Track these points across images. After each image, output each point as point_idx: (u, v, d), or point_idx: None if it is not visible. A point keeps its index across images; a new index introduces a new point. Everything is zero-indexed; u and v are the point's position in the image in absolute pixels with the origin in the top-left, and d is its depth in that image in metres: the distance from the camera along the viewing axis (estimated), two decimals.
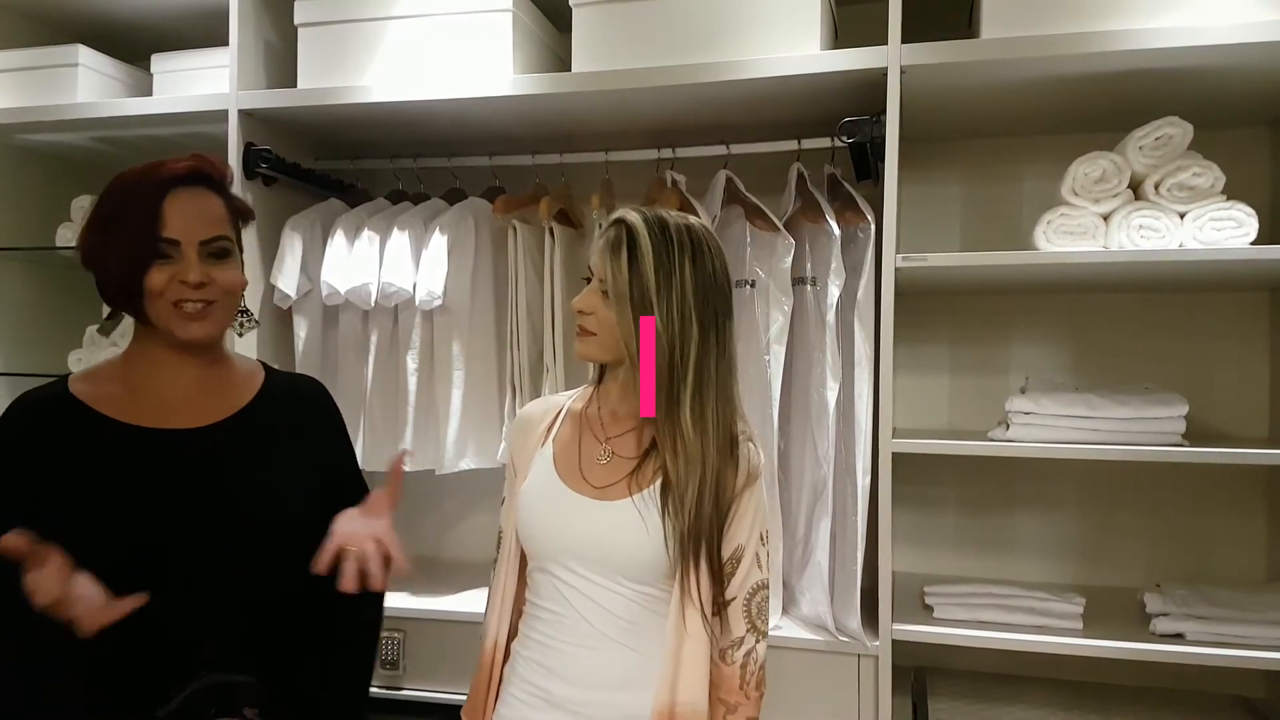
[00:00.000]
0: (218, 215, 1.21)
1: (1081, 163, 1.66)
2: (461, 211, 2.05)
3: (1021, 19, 1.62)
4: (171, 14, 2.24)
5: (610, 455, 1.27)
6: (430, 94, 1.88)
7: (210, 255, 1.18)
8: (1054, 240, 1.67)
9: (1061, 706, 1.82)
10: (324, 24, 1.99)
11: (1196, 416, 1.69)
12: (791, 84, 1.74)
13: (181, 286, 1.16)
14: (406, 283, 1.96)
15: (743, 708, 1.24)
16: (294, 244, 2.02)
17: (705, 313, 1.20)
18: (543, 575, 1.27)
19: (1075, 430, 1.67)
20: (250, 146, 2.00)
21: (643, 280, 1.18)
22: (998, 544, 2.07)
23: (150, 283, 1.15)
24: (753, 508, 1.25)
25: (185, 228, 1.16)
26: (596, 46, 1.82)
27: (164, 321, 1.17)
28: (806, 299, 1.87)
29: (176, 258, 1.16)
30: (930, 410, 2.11)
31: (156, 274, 1.15)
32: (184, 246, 1.16)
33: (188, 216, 1.17)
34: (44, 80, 2.16)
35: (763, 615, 1.26)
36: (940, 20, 1.78)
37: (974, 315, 2.09)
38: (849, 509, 1.76)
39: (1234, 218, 1.59)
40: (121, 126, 2.16)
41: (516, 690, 1.27)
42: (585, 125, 2.05)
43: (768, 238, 1.86)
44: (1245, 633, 1.61)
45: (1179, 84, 1.68)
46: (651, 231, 1.20)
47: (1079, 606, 1.71)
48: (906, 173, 1.72)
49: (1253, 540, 1.95)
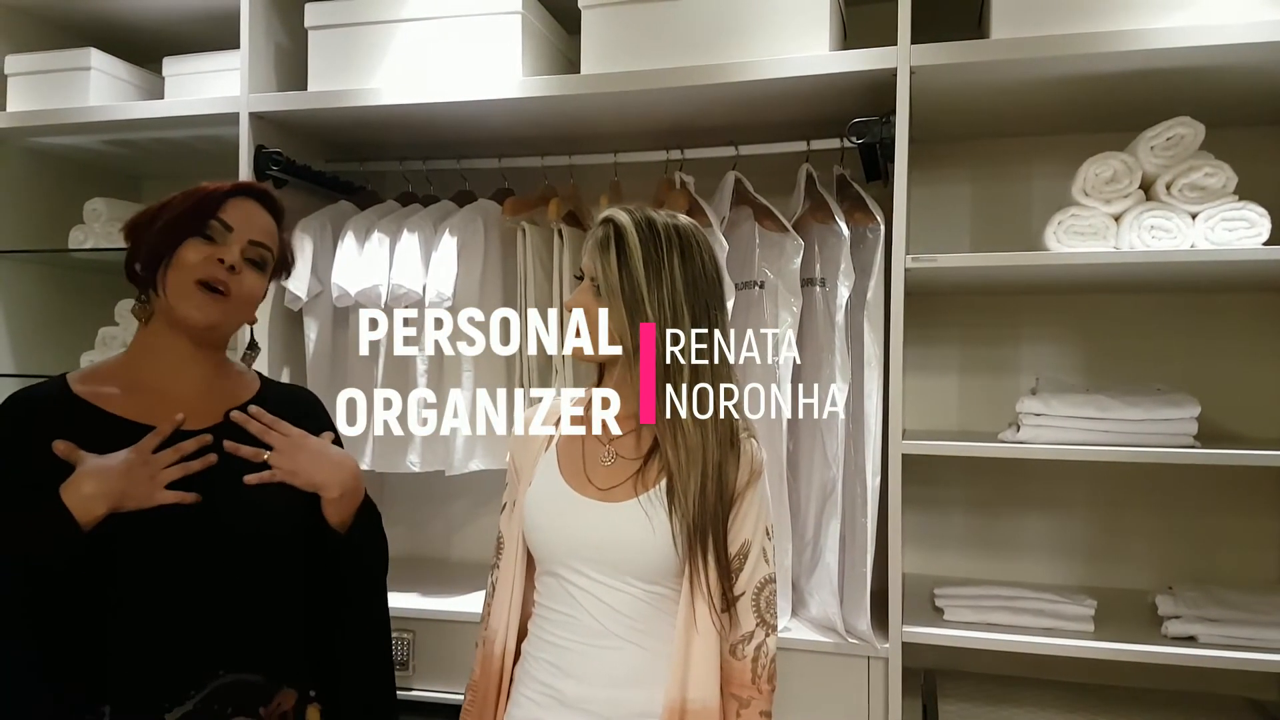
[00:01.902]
0: (271, 230, 1.29)
1: (1092, 163, 1.66)
2: (471, 213, 2.05)
3: (1031, 19, 1.61)
4: (183, 17, 2.26)
5: (614, 457, 1.28)
6: (440, 96, 1.89)
7: (250, 258, 1.25)
8: (1065, 241, 1.67)
9: (1071, 709, 1.82)
10: (334, 27, 2.00)
11: (1208, 417, 1.68)
12: (800, 85, 1.74)
13: (215, 266, 1.20)
14: (416, 284, 1.97)
15: (756, 701, 1.25)
16: (304, 246, 2.03)
17: (696, 306, 1.22)
18: (551, 578, 1.27)
19: (1086, 431, 1.66)
20: (261, 149, 2.00)
21: (633, 276, 1.20)
22: (1008, 546, 2.06)
23: (184, 253, 1.20)
24: (757, 503, 1.26)
25: (243, 221, 1.24)
26: (605, 48, 1.82)
27: (178, 297, 1.19)
28: (816, 300, 1.86)
29: (220, 242, 1.22)
30: (940, 411, 2.10)
31: (194, 247, 1.20)
32: (235, 233, 1.23)
33: (249, 215, 1.26)
34: (56, 83, 2.18)
35: (771, 609, 1.27)
36: (950, 20, 1.77)
37: (984, 316, 2.08)
38: (858, 510, 1.76)
39: (1246, 218, 1.58)
40: (133, 129, 2.18)
41: (528, 690, 1.27)
42: (594, 127, 2.05)
43: (777, 239, 1.86)
44: (1258, 635, 1.60)
45: (1190, 83, 1.67)
46: (639, 228, 1.22)
47: (1090, 609, 1.70)
48: (916, 173, 1.72)
49: (1265, 542, 1.93)
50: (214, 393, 1.27)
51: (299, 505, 1.24)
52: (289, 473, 1.22)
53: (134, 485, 1.12)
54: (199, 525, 1.17)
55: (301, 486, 1.23)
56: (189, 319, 1.20)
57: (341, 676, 1.31)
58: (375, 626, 1.38)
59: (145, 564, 1.14)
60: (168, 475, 1.14)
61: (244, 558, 1.21)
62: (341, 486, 1.25)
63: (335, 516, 1.26)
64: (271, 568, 1.23)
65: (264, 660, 1.21)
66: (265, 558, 1.23)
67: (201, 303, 1.20)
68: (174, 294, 1.20)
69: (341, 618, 1.31)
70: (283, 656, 1.24)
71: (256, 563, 1.22)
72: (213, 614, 1.17)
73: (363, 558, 1.33)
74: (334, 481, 1.25)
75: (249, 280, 1.24)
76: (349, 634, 1.33)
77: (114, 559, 1.12)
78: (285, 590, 1.25)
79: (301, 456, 1.24)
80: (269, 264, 1.29)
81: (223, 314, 1.23)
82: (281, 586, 1.25)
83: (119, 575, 1.13)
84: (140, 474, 1.13)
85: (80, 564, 1.11)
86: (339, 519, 1.26)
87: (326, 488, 1.24)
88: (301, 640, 1.27)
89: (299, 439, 1.26)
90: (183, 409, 1.22)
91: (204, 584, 1.17)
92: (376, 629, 1.38)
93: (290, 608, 1.26)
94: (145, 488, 1.12)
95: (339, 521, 1.27)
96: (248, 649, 1.19)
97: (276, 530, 1.24)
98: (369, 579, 1.35)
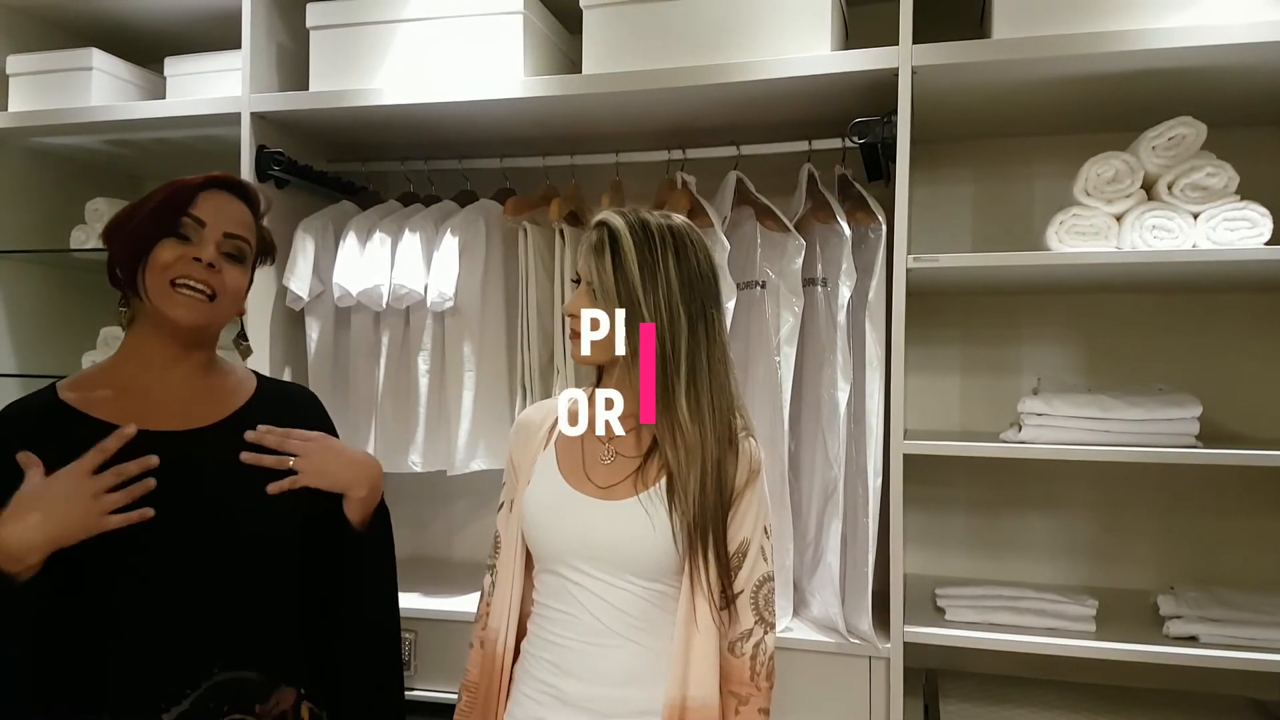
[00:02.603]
0: (246, 220, 1.26)
1: (1094, 163, 1.66)
2: (472, 213, 2.06)
3: (1033, 19, 1.61)
4: (184, 17, 2.26)
5: (614, 455, 1.28)
6: (441, 96, 1.89)
7: (227, 252, 1.22)
8: (1066, 241, 1.66)
9: (1073, 709, 1.82)
10: (336, 27, 2.00)
11: (1210, 418, 1.68)
12: (802, 85, 1.74)
13: (192, 264, 1.18)
14: (418, 284, 1.97)
15: (754, 699, 1.25)
16: (306, 246, 2.03)
17: (693, 305, 1.22)
18: (551, 576, 1.28)
19: (1088, 431, 1.66)
20: (263, 149, 2.01)
21: (628, 278, 1.20)
22: (1010, 545, 2.06)
23: (159, 255, 1.18)
24: (756, 502, 1.27)
25: (215, 214, 1.22)
26: (607, 48, 1.82)
27: (158, 298, 1.18)
28: (817, 300, 1.86)
29: (195, 240, 1.20)
30: (942, 411, 2.10)
31: (168, 248, 1.18)
32: (208, 229, 1.21)
33: (220, 208, 1.23)
34: (58, 83, 2.18)
35: (770, 607, 1.28)
36: (951, 20, 1.78)
37: (986, 316, 2.08)
38: (860, 510, 1.76)
39: (1248, 218, 1.58)
40: (135, 129, 2.18)
41: (528, 689, 1.28)
42: (596, 127, 2.05)
43: (778, 239, 1.86)
44: (1260, 635, 1.60)
45: (1192, 83, 1.67)
46: (633, 230, 1.22)
47: (1091, 609, 1.70)
48: (918, 173, 1.71)
49: (1267, 542, 1.93)
50: (205, 393, 1.26)
51: (304, 504, 1.24)
52: (317, 475, 1.22)
53: (72, 515, 1.05)
54: (208, 524, 1.17)
55: (328, 489, 1.23)
56: (177, 320, 1.19)
57: (347, 676, 1.31)
58: (387, 625, 1.37)
59: (148, 564, 1.14)
60: (112, 500, 1.08)
61: (247, 556, 1.20)
62: (369, 484, 1.26)
63: (358, 514, 1.26)
64: (271, 566, 1.23)
65: (260, 658, 1.20)
66: (267, 556, 1.23)
67: (186, 303, 1.18)
68: (155, 296, 1.18)
69: (351, 616, 1.31)
70: (280, 655, 1.23)
71: (257, 561, 1.21)
72: (211, 612, 1.17)
73: (380, 554, 1.33)
74: (361, 480, 1.25)
75: (230, 275, 1.22)
76: (359, 633, 1.32)
77: (114, 559, 1.12)
78: (283, 588, 1.25)
79: (327, 459, 1.24)
80: (248, 255, 1.26)
81: (210, 313, 1.21)
82: (279, 585, 1.24)
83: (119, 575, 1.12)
84: (79, 500, 1.06)
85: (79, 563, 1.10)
86: (361, 516, 1.27)
87: (354, 486, 1.24)
88: (299, 639, 1.27)
89: (320, 442, 1.25)
90: (171, 412, 1.21)
91: (205, 582, 1.17)
92: (388, 628, 1.37)
93: (288, 606, 1.26)
94: (85, 518, 1.06)
95: (361, 518, 1.27)
96: (244, 647, 1.19)
97: (282, 530, 1.23)
98: (383, 576, 1.35)
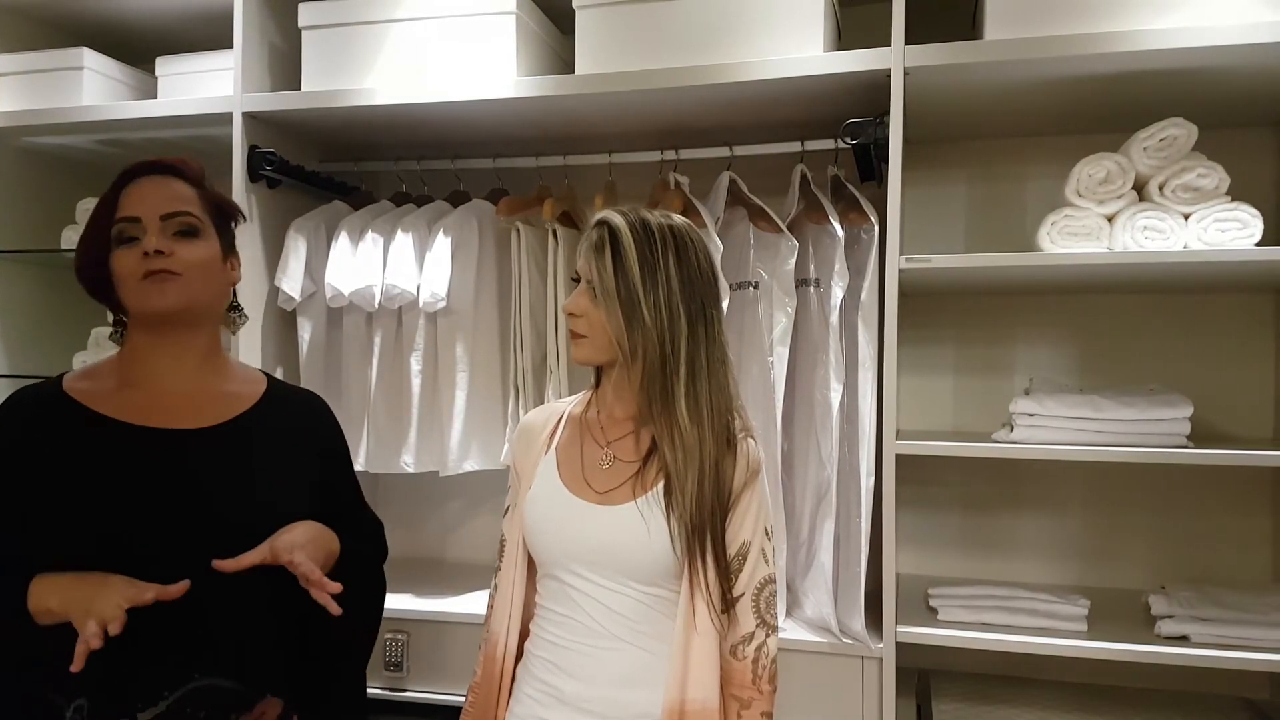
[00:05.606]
0: (182, 195, 1.23)
1: (1086, 164, 1.66)
2: (465, 213, 2.05)
3: (1025, 20, 1.62)
4: (176, 17, 2.25)
5: (612, 460, 1.28)
6: (434, 96, 1.89)
7: (175, 232, 1.20)
8: (1058, 241, 1.67)
9: (1065, 708, 1.82)
10: (328, 26, 1.99)
11: (1201, 418, 1.69)
12: (795, 86, 1.74)
13: (146, 259, 1.17)
14: (410, 285, 1.96)
15: (757, 702, 1.25)
16: (298, 246, 2.03)
17: (692, 305, 1.23)
18: (552, 580, 1.28)
19: (1080, 432, 1.67)
20: (254, 149, 2.00)
21: (628, 277, 1.20)
22: (1002, 545, 2.07)
23: (116, 264, 1.18)
24: (755, 503, 1.27)
25: (144, 205, 1.20)
26: (600, 48, 1.82)
27: (132, 299, 1.19)
28: (810, 300, 1.87)
29: (140, 236, 1.18)
30: (934, 411, 2.10)
31: (123, 256, 1.18)
32: (145, 221, 1.19)
33: (146, 197, 1.21)
34: (49, 83, 2.17)
35: (771, 609, 1.28)
36: (944, 22, 1.78)
37: (978, 316, 2.09)
38: (853, 510, 1.76)
39: (1239, 219, 1.58)
40: (126, 129, 2.17)
41: (529, 688, 1.28)
42: (589, 127, 2.05)
43: (771, 239, 1.86)
44: (1251, 635, 1.61)
45: (1183, 85, 1.68)
46: (634, 229, 1.22)
47: (1083, 608, 1.70)
48: (910, 174, 1.72)
49: (1258, 541, 1.94)
50: (212, 391, 1.26)
51: (304, 510, 1.24)
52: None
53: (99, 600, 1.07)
54: (199, 526, 1.16)
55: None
56: (156, 310, 1.18)
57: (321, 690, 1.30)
58: (358, 646, 1.37)
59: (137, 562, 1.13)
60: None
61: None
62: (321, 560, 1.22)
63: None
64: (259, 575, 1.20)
65: (241, 668, 1.19)
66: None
67: (156, 291, 1.18)
68: (133, 303, 1.19)
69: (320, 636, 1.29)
70: (261, 666, 1.22)
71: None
72: (195, 615, 1.15)
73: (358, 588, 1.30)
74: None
75: (186, 251, 1.19)
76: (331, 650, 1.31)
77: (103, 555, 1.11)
78: (270, 598, 1.22)
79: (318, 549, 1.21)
80: (200, 226, 1.22)
81: (181, 291, 1.19)
82: (266, 594, 1.22)
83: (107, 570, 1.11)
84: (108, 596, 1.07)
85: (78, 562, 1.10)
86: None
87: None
88: (281, 650, 1.25)
89: (304, 534, 1.20)
90: (178, 410, 1.21)
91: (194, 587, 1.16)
92: (360, 646, 1.37)
93: (273, 616, 1.24)
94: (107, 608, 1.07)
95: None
96: (226, 654, 1.18)
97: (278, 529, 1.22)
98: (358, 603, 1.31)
